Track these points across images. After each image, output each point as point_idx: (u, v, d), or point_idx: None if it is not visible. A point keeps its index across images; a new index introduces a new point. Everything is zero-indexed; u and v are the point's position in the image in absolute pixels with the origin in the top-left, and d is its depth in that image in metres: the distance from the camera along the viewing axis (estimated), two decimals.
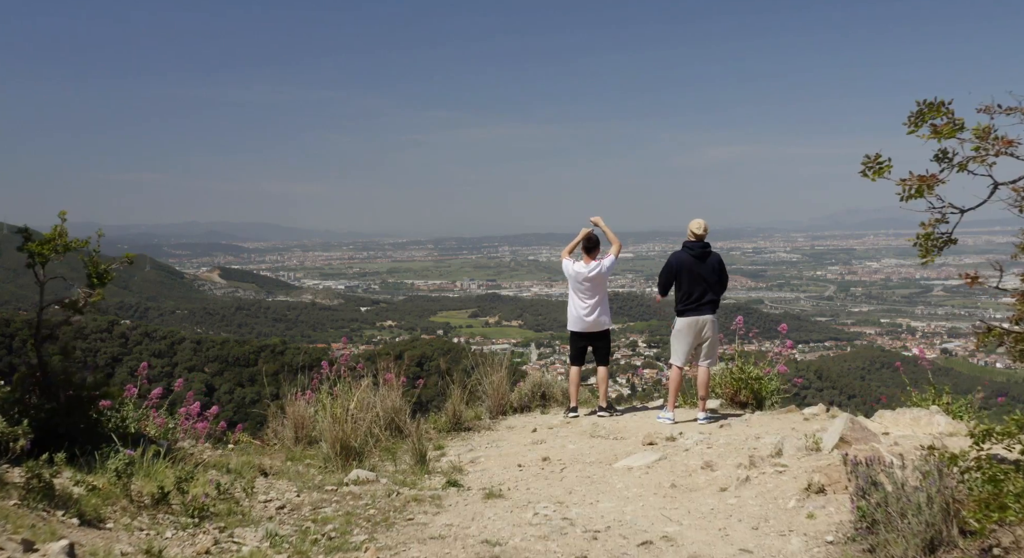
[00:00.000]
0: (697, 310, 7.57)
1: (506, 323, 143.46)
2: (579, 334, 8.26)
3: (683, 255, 7.66)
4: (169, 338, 71.06)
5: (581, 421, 8.02)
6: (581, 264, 8.23)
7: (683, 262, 7.62)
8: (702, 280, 7.56)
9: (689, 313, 7.58)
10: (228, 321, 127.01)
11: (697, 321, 7.58)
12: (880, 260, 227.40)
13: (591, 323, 8.15)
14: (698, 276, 7.56)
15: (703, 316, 7.59)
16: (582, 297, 8.16)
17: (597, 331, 8.20)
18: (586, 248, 8.28)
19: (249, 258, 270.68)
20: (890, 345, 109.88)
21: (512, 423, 8.19)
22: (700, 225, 7.57)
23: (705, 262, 7.60)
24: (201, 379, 66.20)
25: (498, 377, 8.59)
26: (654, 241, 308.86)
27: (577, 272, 8.18)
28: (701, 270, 7.58)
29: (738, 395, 8.42)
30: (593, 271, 8.15)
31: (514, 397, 8.84)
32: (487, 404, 8.51)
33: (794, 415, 7.50)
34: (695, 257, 7.60)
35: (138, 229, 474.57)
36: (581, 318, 8.17)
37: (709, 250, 7.65)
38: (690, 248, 7.65)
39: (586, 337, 8.24)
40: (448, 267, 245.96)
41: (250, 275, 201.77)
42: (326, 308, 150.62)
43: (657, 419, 7.74)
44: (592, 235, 8.23)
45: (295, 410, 6.79)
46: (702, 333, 7.61)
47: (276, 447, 6.80)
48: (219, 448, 6.66)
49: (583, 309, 8.14)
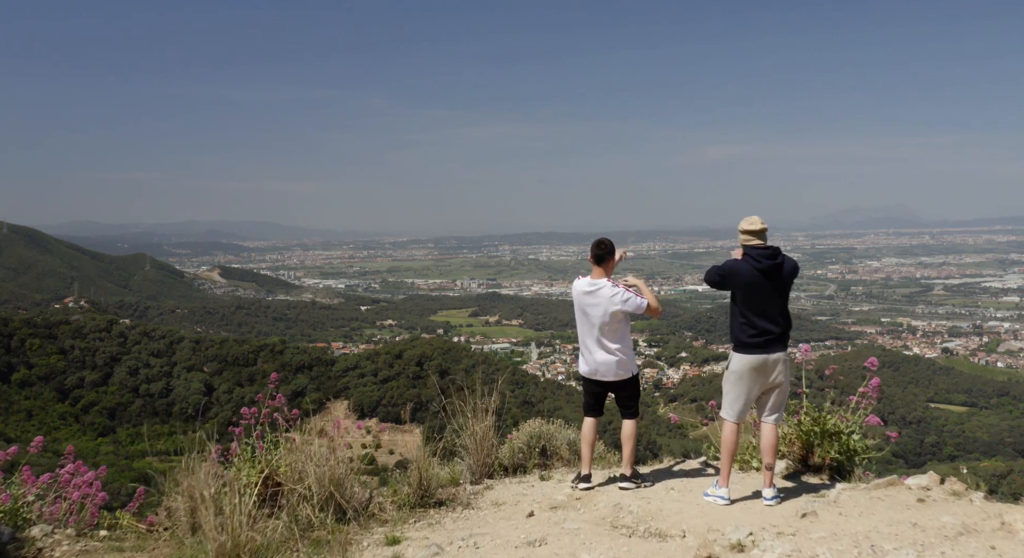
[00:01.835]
0: (766, 346, 5.27)
1: (506, 322, 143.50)
2: (589, 381, 5.87)
3: (744, 267, 5.26)
4: (168, 337, 70.97)
5: (596, 496, 5.70)
6: (587, 281, 5.76)
7: (743, 276, 5.25)
8: (773, 303, 5.28)
9: (754, 349, 5.27)
10: (228, 320, 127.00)
11: (766, 361, 5.28)
12: (880, 259, 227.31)
13: (606, 367, 5.73)
14: (767, 297, 5.26)
15: (773, 354, 5.29)
16: (591, 330, 5.73)
17: (615, 380, 5.77)
18: (596, 256, 5.74)
19: (249, 257, 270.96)
20: (891, 344, 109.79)
21: (500, 496, 5.86)
22: (757, 222, 5.31)
23: (777, 277, 5.26)
24: (200, 378, 66.28)
25: (483, 427, 6.28)
26: (654, 240, 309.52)
27: (580, 291, 5.76)
28: (771, 288, 5.26)
29: (811, 456, 6.10)
30: (601, 290, 5.68)
31: (504, 453, 6.59)
32: (468, 462, 6.30)
33: (900, 493, 5.42)
34: (762, 272, 5.22)
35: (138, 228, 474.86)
36: (592, 359, 5.76)
37: (781, 259, 5.27)
38: (755, 258, 5.23)
39: (605, 385, 5.83)
40: (448, 266, 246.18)
41: (250, 274, 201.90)
42: (326, 307, 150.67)
43: (705, 497, 5.46)
44: (605, 240, 5.78)
45: (194, 483, 4.65)
46: (771, 378, 5.34)
47: (164, 538, 4.85)
48: (84, 538, 4.82)
49: (595, 348, 5.74)
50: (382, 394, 63.54)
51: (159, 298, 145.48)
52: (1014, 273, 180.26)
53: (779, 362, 5.33)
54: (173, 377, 65.35)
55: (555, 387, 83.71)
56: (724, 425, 5.51)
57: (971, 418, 74.49)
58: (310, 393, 65.40)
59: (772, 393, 5.44)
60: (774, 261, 5.25)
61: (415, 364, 67.33)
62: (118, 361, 65.33)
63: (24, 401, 59.00)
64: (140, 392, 63.16)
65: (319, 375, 67.81)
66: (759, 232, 5.29)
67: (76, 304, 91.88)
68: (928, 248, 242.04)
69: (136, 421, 60.93)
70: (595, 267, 5.75)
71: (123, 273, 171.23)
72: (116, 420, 60.80)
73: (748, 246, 5.30)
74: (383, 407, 62.44)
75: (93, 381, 62.57)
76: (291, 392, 65.04)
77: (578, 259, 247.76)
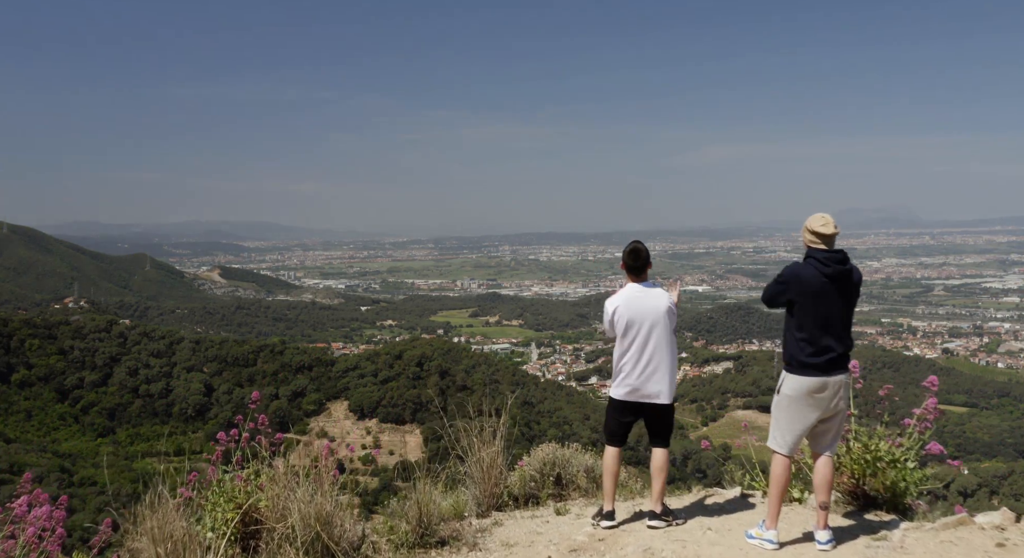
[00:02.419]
0: (827, 367, 4.45)
1: (506, 322, 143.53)
2: (629, 405, 5.05)
3: (808, 271, 4.46)
4: (168, 338, 70.94)
5: (622, 537, 5.00)
6: (636, 287, 5.00)
7: (808, 283, 4.44)
8: (837, 316, 4.48)
9: (813, 371, 4.45)
10: (228, 320, 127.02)
11: (826, 385, 4.46)
12: (881, 259, 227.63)
13: (650, 389, 4.96)
14: (832, 309, 4.46)
15: (834, 376, 4.46)
16: (640, 345, 4.95)
17: (655, 404, 5.00)
18: (631, 266, 4.99)
19: (249, 257, 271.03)
20: (891, 345, 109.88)
21: (511, 534, 5.15)
22: (830, 224, 4.45)
23: (846, 285, 4.47)
24: (200, 379, 66.24)
25: (491, 453, 5.56)
26: (654, 241, 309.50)
27: (626, 299, 4.99)
28: (838, 298, 4.46)
29: (862, 487, 5.30)
30: (654, 297, 4.94)
31: (515, 481, 5.90)
32: (474, 492, 5.61)
33: (974, 535, 4.69)
34: (829, 278, 4.41)
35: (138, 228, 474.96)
36: (630, 379, 4.99)
37: (849, 266, 4.49)
38: (821, 262, 4.43)
39: (639, 410, 5.07)
40: (448, 266, 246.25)
41: (250, 274, 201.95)
42: (326, 307, 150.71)
43: (748, 539, 4.74)
44: (640, 248, 4.99)
45: (158, 522, 3.95)
46: (831, 403, 4.51)
47: None
48: None
49: (641, 366, 4.96)
50: (382, 394, 63.50)
51: (159, 298, 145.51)
52: (1014, 273, 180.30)
53: (840, 386, 4.51)
54: (173, 377, 65.31)
55: (555, 388, 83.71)
56: (774, 459, 4.66)
57: (972, 419, 74.47)
58: (310, 393, 65.48)
59: (830, 421, 4.61)
60: (843, 266, 4.44)
61: (415, 364, 67.30)
62: (118, 361, 65.29)
63: (24, 402, 58.99)
64: (140, 392, 63.13)
65: (319, 375, 67.78)
66: (829, 237, 4.45)
67: (76, 304, 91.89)
68: (928, 248, 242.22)
69: (136, 422, 60.93)
70: (628, 275, 5.01)
71: (123, 273, 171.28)
72: (116, 421, 60.78)
73: (814, 249, 4.51)
74: (383, 408, 62.41)
75: (93, 381, 62.55)
76: (291, 392, 65.07)
77: (578, 259, 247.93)
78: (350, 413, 63.82)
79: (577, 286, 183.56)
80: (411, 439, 60.22)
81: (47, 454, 47.62)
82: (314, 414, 63.70)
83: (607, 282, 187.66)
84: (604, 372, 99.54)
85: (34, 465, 43.81)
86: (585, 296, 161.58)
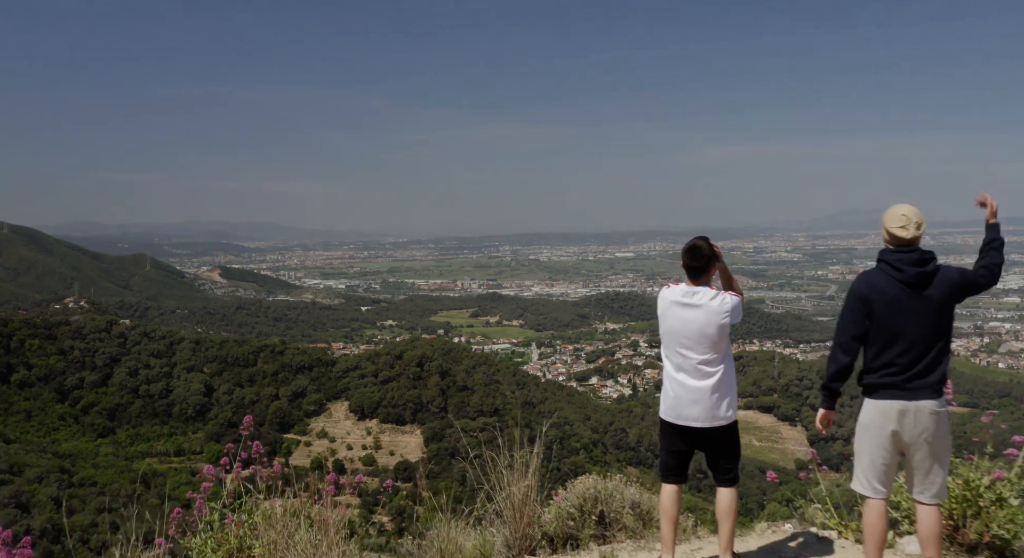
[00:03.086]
0: (906, 388, 3.67)
1: (507, 322, 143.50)
2: (674, 428, 4.14)
3: (881, 279, 3.72)
4: (168, 338, 70.90)
5: None
6: (683, 289, 4.09)
7: (881, 292, 3.70)
8: (918, 327, 3.67)
9: (889, 392, 3.70)
10: (228, 321, 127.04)
11: (905, 412, 3.67)
12: None
13: (702, 410, 4.04)
14: (911, 318, 3.67)
15: (919, 401, 3.65)
16: (688, 354, 4.05)
17: (711, 427, 4.05)
18: (692, 266, 4.07)
19: (250, 257, 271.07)
20: None
21: None
22: (909, 221, 3.68)
23: (927, 292, 3.66)
24: (200, 379, 66.20)
25: (523, 488, 4.57)
26: (654, 241, 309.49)
27: (672, 302, 4.10)
28: (918, 306, 3.67)
29: (963, 531, 4.48)
30: (703, 298, 4.03)
31: (549, 518, 4.95)
32: (504, 533, 4.69)
33: None
34: (906, 284, 3.67)
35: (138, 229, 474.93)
36: (685, 401, 4.07)
37: (933, 268, 3.68)
38: (895, 266, 3.68)
39: (693, 436, 4.11)
40: (449, 266, 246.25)
41: (250, 274, 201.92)
42: (327, 307, 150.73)
43: None
44: (700, 244, 4.06)
45: None
46: (919, 433, 3.66)
47: None
48: None
49: (690, 385, 4.05)
50: (382, 395, 63.47)
51: (159, 298, 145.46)
52: (1015, 274, 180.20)
53: (926, 414, 3.64)
54: (173, 378, 65.28)
55: (556, 388, 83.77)
56: (865, 504, 3.81)
57: (972, 419, 74.38)
58: (310, 394, 65.47)
59: (919, 458, 3.73)
60: (922, 269, 3.65)
61: (416, 365, 67.26)
62: (118, 362, 65.26)
63: (23, 402, 58.96)
64: (140, 393, 63.10)
65: (319, 376, 67.76)
66: (910, 239, 3.68)
67: (76, 304, 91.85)
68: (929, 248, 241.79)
69: (136, 422, 60.90)
70: (688, 277, 4.12)
71: (123, 273, 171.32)
72: (116, 421, 60.76)
73: (890, 251, 3.76)
74: (383, 408, 62.39)
75: (93, 382, 62.52)
76: (291, 393, 65.06)
77: (578, 259, 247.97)
78: (350, 413, 63.81)
79: (577, 286, 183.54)
80: (411, 440, 60.21)
81: (47, 454, 47.61)
82: (314, 414, 63.68)
83: (607, 282, 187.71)
84: (604, 372, 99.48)
85: (34, 465, 43.83)
86: (586, 296, 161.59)
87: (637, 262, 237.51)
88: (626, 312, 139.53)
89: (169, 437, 59.52)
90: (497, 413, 62.31)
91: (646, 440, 66.12)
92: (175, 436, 59.79)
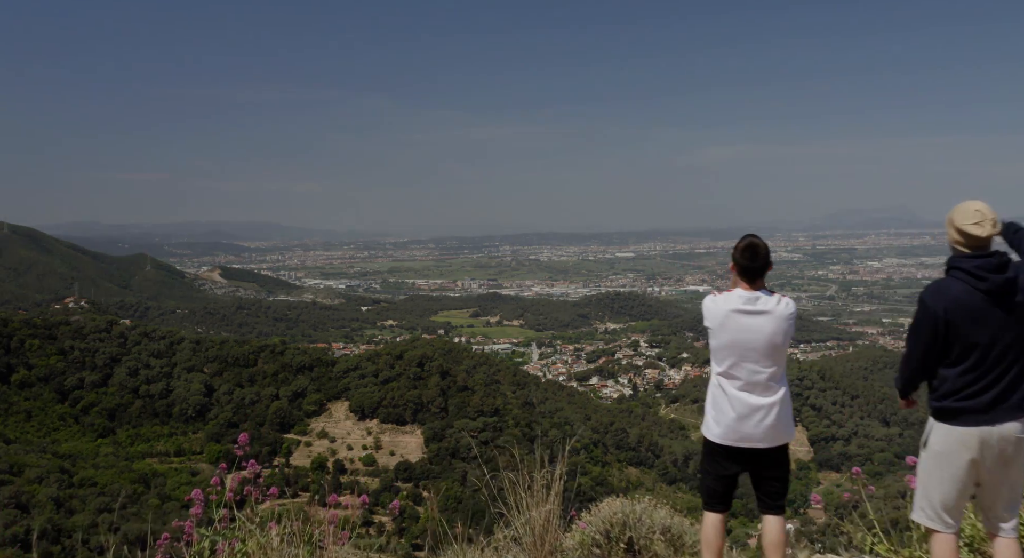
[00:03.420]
0: (989, 412, 3.19)
1: (507, 322, 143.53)
2: (728, 451, 3.64)
3: (958, 290, 3.21)
4: (168, 338, 70.89)
5: None
6: (743, 296, 3.59)
7: (962, 306, 3.19)
8: (1005, 343, 3.18)
9: (969, 418, 3.23)
10: (229, 321, 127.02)
11: (988, 438, 3.20)
12: (882, 259, 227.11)
13: (768, 430, 3.56)
14: (995, 332, 3.18)
15: (1003, 424, 3.17)
16: (753, 376, 3.59)
17: (766, 449, 3.59)
18: (750, 267, 3.57)
19: (250, 257, 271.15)
20: (892, 345, 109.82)
21: None
22: (985, 218, 3.22)
23: (1015, 300, 3.17)
24: (200, 379, 66.19)
25: (544, 513, 4.08)
26: (654, 241, 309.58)
27: (730, 311, 3.60)
28: (1003, 318, 3.17)
29: None
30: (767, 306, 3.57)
31: (573, 545, 4.51)
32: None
33: None
34: (986, 293, 3.17)
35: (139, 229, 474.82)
36: (750, 421, 3.57)
37: (1014, 273, 3.18)
38: (971, 274, 3.19)
39: (747, 458, 3.62)
40: (449, 266, 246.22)
41: (251, 274, 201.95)
42: (327, 308, 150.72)
43: None
44: (756, 240, 3.60)
45: None
46: (1000, 461, 3.21)
47: None
48: None
49: (755, 403, 3.57)
50: (383, 395, 63.46)
51: (160, 298, 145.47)
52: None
53: (1011, 440, 3.19)
54: (173, 378, 65.28)
55: (556, 388, 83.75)
56: (933, 539, 3.35)
57: None
58: (311, 394, 65.46)
59: (998, 486, 3.29)
60: (1003, 275, 3.16)
61: (416, 365, 67.24)
62: (118, 362, 65.26)
63: (24, 402, 58.95)
64: (140, 393, 63.09)
65: (319, 376, 67.75)
66: (984, 238, 3.21)
67: (76, 304, 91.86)
68: (929, 248, 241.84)
69: (136, 422, 60.89)
70: (741, 279, 3.61)
71: (123, 273, 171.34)
72: (116, 421, 60.75)
73: (963, 257, 3.25)
74: (384, 408, 62.37)
75: (93, 382, 62.52)
76: (292, 393, 65.06)
77: (579, 259, 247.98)
78: (351, 413, 63.80)
79: (578, 286, 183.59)
80: (411, 440, 60.20)
81: (47, 455, 47.62)
82: (315, 415, 63.66)
83: (607, 282, 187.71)
84: (605, 372, 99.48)
85: (34, 465, 43.83)
86: (586, 296, 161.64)
87: (637, 262, 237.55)
88: (626, 312, 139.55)
89: (169, 437, 59.52)
90: (497, 413, 62.35)
91: (646, 440, 66.13)
92: (175, 436, 59.78)
